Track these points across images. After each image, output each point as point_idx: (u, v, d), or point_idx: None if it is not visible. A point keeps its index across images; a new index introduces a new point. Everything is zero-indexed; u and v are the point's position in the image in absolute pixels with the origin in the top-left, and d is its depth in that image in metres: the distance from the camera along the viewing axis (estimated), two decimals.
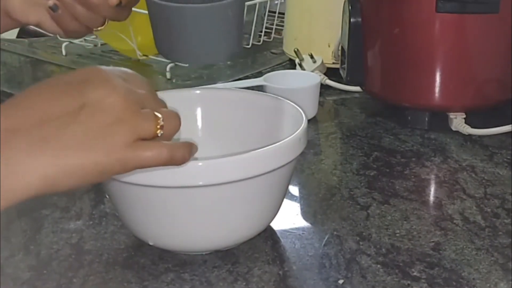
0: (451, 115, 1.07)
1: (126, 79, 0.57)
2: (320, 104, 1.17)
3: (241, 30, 0.86)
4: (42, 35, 1.64)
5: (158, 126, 0.56)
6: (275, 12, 1.63)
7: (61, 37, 0.85)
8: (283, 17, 1.49)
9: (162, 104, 0.60)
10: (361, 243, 0.78)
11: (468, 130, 1.05)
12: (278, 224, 0.81)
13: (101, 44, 1.54)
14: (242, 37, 0.87)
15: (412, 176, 0.94)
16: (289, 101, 0.82)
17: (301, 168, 0.96)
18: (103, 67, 0.57)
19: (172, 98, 0.75)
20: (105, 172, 0.54)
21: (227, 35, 0.83)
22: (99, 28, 0.81)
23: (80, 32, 0.82)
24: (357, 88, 1.22)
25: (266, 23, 1.58)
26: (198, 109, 0.87)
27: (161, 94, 0.62)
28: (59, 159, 0.52)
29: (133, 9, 0.83)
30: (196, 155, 0.73)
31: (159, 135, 0.56)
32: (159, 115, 0.56)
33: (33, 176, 0.51)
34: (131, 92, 0.56)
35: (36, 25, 0.81)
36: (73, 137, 0.52)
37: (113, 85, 0.55)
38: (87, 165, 0.53)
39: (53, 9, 0.77)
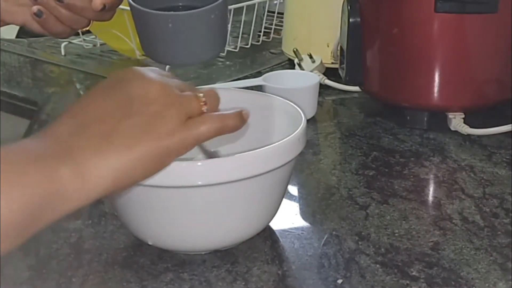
0: (450, 115, 1.07)
1: (157, 73, 0.62)
2: (319, 104, 1.17)
3: (225, 31, 0.87)
4: (42, 35, 1.64)
5: (202, 103, 0.61)
6: (274, 12, 1.63)
7: (40, 35, 0.86)
8: (282, 17, 1.49)
9: (195, 87, 0.65)
10: (360, 242, 0.78)
11: (467, 130, 1.05)
12: (277, 224, 0.81)
13: (100, 44, 1.54)
14: (225, 37, 0.87)
15: (411, 176, 0.94)
16: (288, 101, 0.82)
17: (300, 168, 0.96)
18: (136, 67, 0.62)
19: None
20: (168, 155, 0.58)
21: (210, 37, 0.84)
22: (84, 29, 0.83)
23: (65, 33, 0.83)
24: (356, 88, 1.22)
25: (265, 23, 1.58)
26: None
27: None
28: (124, 153, 0.55)
29: None
30: (195, 155, 0.74)
31: (205, 110, 0.61)
32: (199, 94, 0.61)
33: (104, 174, 0.54)
34: (167, 80, 0.61)
35: (22, 25, 0.82)
36: (131, 130, 0.56)
37: (149, 78, 0.60)
38: (151, 153, 0.56)
39: (37, 14, 0.78)
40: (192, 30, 0.81)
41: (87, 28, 0.84)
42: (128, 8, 0.83)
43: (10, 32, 1.74)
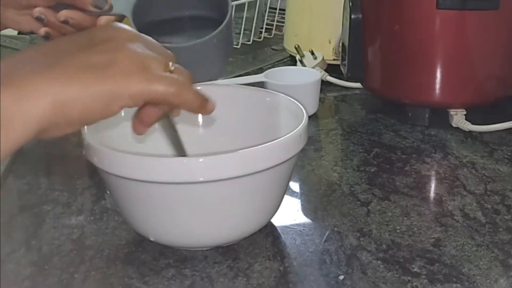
0: (452, 112, 1.07)
1: (151, 46, 0.59)
2: (321, 100, 1.17)
3: (226, 56, 0.87)
4: None
5: (168, 69, 0.57)
6: (275, 9, 1.63)
7: None
8: (283, 14, 1.49)
9: (173, 58, 0.61)
10: (361, 239, 0.78)
11: (469, 126, 1.05)
12: (279, 220, 0.81)
13: None
14: (228, 54, 0.88)
15: (413, 173, 0.94)
16: (289, 98, 0.82)
17: (302, 164, 0.96)
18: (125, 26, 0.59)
19: None
20: (112, 100, 0.53)
21: (213, 60, 0.84)
22: None
23: None
24: (358, 85, 1.22)
25: (267, 19, 1.58)
26: None
27: None
28: (66, 83, 0.51)
29: None
30: (197, 151, 0.74)
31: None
32: (170, 63, 0.58)
33: (43, 101, 0.50)
34: (140, 37, 0.58)
35: (30, 32, 0.83)
36: (80, 64, 0.52)
37: (125, 28, 0.58)
38: (94, 90, 0.52)
39: (45, 37, 0.78)
40: (194, 57, 0.81)
41: None
42: None
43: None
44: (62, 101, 0.51)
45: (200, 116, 0.88)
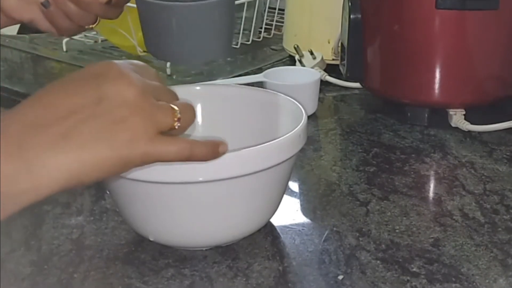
0: (451, 112, 1.08)
1: (138, 71, 0.57)
2: (320, 100, 1.17)
3: (230, 31, 0.86)
4: (43, 31, 1.64)
5: (176, 119, 0.57)
6: (275, 9, 1.63)
7: (54, 35, 0.86)
8: (283, 14, 1.49)
9: (175, 96, 0.60)
10: (360, 239, 0.78)
11: (468, 126, 1.05)
12: (278, 220, 0.81)
13: (102, 40, 1.54)
14: (231, 38, 0.87)
15: (412, 172, 0.94)
16: (289, 98, 0.82)
17: (301, 164, 0.96)
18: (116, 62, 0.57)
19: None
20: (126, 165, 0.55)
21: (214, 36, 0.83)
22: (91, 26, 0.82)
23: (72, 30, 0.83)
24: (357, 85, 1.22)
25: (266, 19, 1.58)
26: (198, 105, 0.87)
27: None
28: (81, 155, 0.52)
29: (133, 5, 0.83)
30: None
31: (176, 127, 0.57)
32: (176, 108, 0.57)
33: (57, 173, 0.51)
34: (146, 85, 0.56)
35: (30, 23, 0.82)
36: (93, 132, 0.53)
37: (129, 79, 0.55)
38: (109, 159, 0.53)
39: (44, 5, 0.78)
40: (196, 25, 0.80)
41: (94, 26, 0.83)
42: (130, 4, 0.83)
43: (11, 28, 1.73)
44: (75, 173, 0.52)
45: (199, 116, 0.87)
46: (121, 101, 0.54)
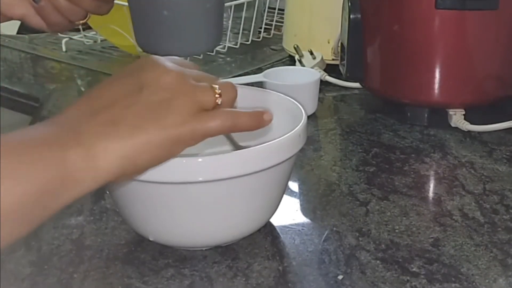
0: (451, 112, 1.08)
1: (176, 63, 0.62)
2: (320, 100, 1.17)
3: (219, 24, 0.86)
4: (40, 31, 1.64)
5: (217, 95, 0.60)
6: (274, 9, 1.63)
7: (44, 31, 0.86)
8: (282, 14, 1.49)
9: (215, 78, 0.64)
10: (360, 239, 0.78)
11: (468, 126, 1.05)
12: (278, 220, 0.81)
13: (101, 40, 1.54)
14: (220, 32, 0.87)
15: (412, 172, 0.94)
16: (288, 97, 0.82)
17: (301, 164, 0.96)
18: (153, 56, 0.61)
19: None
20: (175, 144, 0.58)
21: (205, 27, 0.84)
22: (81, 21, 0.83)
23: (63, 25, 0.83)
24: (357, 85, 1.22)
25: (266, 19, 1.58)
26: None
27: None
28: (131, 139, 0.55)
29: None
30: (195, 151, 0.74)
31: (219, 103, 0.60)
32: (215, 86, 0.61)
33: (113, 157, 0.54)
34: (183, 70, 0.60)
35: (21, 19, 0.83)
36: (138, 116, 0.56)
37: (165, 67, 0.59)
38: (158, 140, 0.56)
39: (35, 1, 0.78)
40: (187, 18, 0.81)
41: (84, 21, 0.84)
42: (127, 3, 0.83)
43: (11, 28, 1.74)
44: (130, 156, 0.55)
45: None
46: (161, 86, 0.58)
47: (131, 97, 0.57)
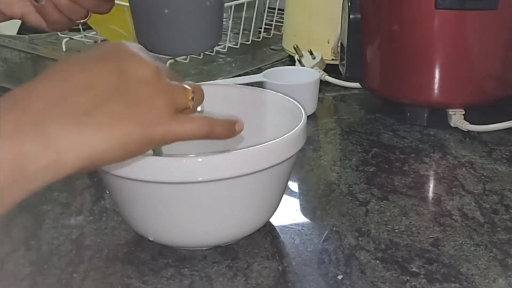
0: (450, 112, 1.08)
1: (148, 55, 0.58)
2: (320, 100, 1.17)
3: (220, 23, 0.86)
4: (40, 30, 1.64)
5: (190, 98, 0.58)
6: (274, 9, 1.63)
7: (44, 30, 0.86)
8: (282, 14, 1.49)
9: (177, 76, 0.61)
10: (360, 239, 0.78)
11: (467, 126, 1.05)
12: (278, 219, 0.81)
13: (101, 40, 1.54)
14: (220, 30, 0.87)
15: (411, 172, 0.94)
16: (288, 97, 0.82)
17: (301, 164, 0.96)
18: (124, 42, 0.57)
19: None
20: (147, 144, 0.54)
21: (205, 26, 0.84)
22: (81, 21, 0.83)
23: (63, 24, 0.83)
24: (357, 85, 1.22)
25: (266, 19, 1.58)
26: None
27: None
28: (103, 132, 0.51)
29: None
30: (195, 151, 0.74)
31: (191, 106, 0.58)
32: (189, 87, 0.58)
33: (79, 150, 0.50)
34: (158, 65, 0.57)
35: (20, 18, 0.83)
36: (114, 110, 0.52)
37: (143, 58, 0.56)
38: (130, 138, 0.53)
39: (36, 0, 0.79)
40: (188, 17, 0.81)
41: (85, 20, 0.83)
42: (128, 4, 0.83)
43: (11, 28, 1.74)
44: (96, 154, 0.51)
45: None
46: (139, 79, 0.54)
47: (111, 84, 0.53)
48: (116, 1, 0.86)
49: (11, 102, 0.50)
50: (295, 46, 1.31)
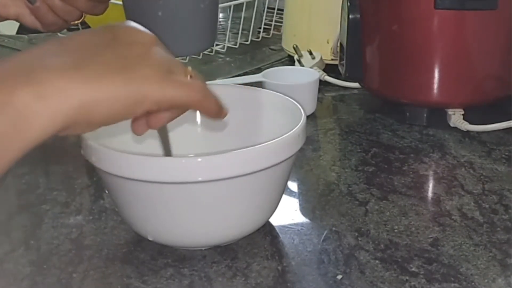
0: (450, 111, 1.08)
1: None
2: (319, 100, 1.17)
3: (214, 25, 0.86)
4: (35, 30, 1.64)
5: (189, 75, 0.57)
6: (274, 9, 1.63)
7: (39, 31, 0.86)
8: (282, 14, 1.49)
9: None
10: (359, 238, 0.78)
11: (467, 126, 1.05)
12: (277, 219, 0.81)
13: None
14: (215, 30, 0.87)
15: (411, 172, 0.94)
16: (288, 97, 0.82)
17: (300, 164, 0.96)
18: (129, 21, 0.57)
19: None
20: (139, 103, 0.52)
21: (199, 28, 0.84)
22: (76, 22, 0.83)
23: (58, 25, 0.83)
24: (356, 85, 1.22)
25: (265, 19, 1.58)
26: None
27: None
28: (93, 86, 0.49)
29: None
30: (195, 151, 0.74)
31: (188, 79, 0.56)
32: (189, 68, 0.57)
33: (69, 99, 0.48)
34: (159, 42, 0.56)
35: (16, 19, 0.83)
36: (107, 65, 0.51)
37: (139, 29, 0.56)
38: (122, 93, 0.51)
39: (30, 1, 0.79)
40: (182, 19, 0.81)
41: (79, 21, 0.84)
42: (122, 5, 0.83)
43: (10, 28, 1.74)
44: (88, 102, 0.49)
45: (198, 115, 0.88)
46: (135, 41, 0.54)
47: (103, 44, 0.52)
48: (113, 0, 0.86)
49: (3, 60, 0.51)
50: (295, 46, 1.31)
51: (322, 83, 1.24)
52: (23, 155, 0.49)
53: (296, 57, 1.31)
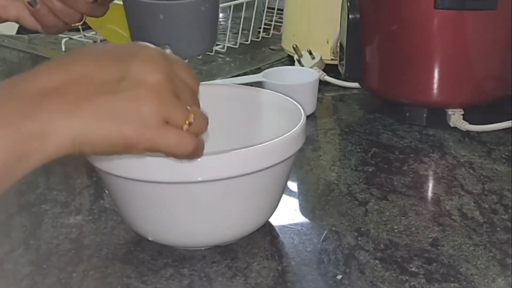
0: (449, 111, 1.08)
1: (174, 62, 0.57)
2: (319, 100, 1.17)
3: (214, 27, 0.87)
4: (35, 31, 1.64)
5: (187, 122, 0.55)
6: (273, 9, 1.63)
7: (39, 32, 0.86)
8: (281, 14, 1.49)
9: (197, 102, 0.59)
10: (359, 238, 0.78)
11: (466, 126, 1.05)
12: (277, 219, 0.81)
13: (101, 40, 1.54)
14: (215, 33, 0.87)
15: (410, 172, 0.94)
16: (287, 97, 0.82)
17: (300, 164, 0.96)
18: (151, 45, 0.57)
19: None
20: (131, 148, 0.53)
21: (200, 31, 0.84)
22: (77, 24, 0.83)
23: (58, 27, 0.83)
24: (356, 85, 1.22)
25: (265, 19, 1.58)
26: None
27: None
28: (89, 127, 0.51)
29: None
30: None
31: (184, 130, 0.55)
32: (191, 111, 0.56)
33: (62, 138, 0.50)
34: (172, 76, 0.55)
35: (16, 21, 0.83)
36: (105, 107, 0.52)
37: (157, 64, 0.54)
38: (114, 137, 0.52)
39: (31, 4, 0.79)
40: (182, 22, 0.81)
41: (80, 24, 0.84)
42: (124, 8, 0.83)
43: (10, 28, 1.74)
44: (79, 142, 0.51)
45: None
46: (142, 82, 0.53)
47: (107, 85, 0.53)
48: (115, 1, 0.86)
49: (9, 90, 0.53)
50: (294, 46, 1.31)
51: (322, 83, 1.24)
52: None
53: (296, 57, 1.31)
